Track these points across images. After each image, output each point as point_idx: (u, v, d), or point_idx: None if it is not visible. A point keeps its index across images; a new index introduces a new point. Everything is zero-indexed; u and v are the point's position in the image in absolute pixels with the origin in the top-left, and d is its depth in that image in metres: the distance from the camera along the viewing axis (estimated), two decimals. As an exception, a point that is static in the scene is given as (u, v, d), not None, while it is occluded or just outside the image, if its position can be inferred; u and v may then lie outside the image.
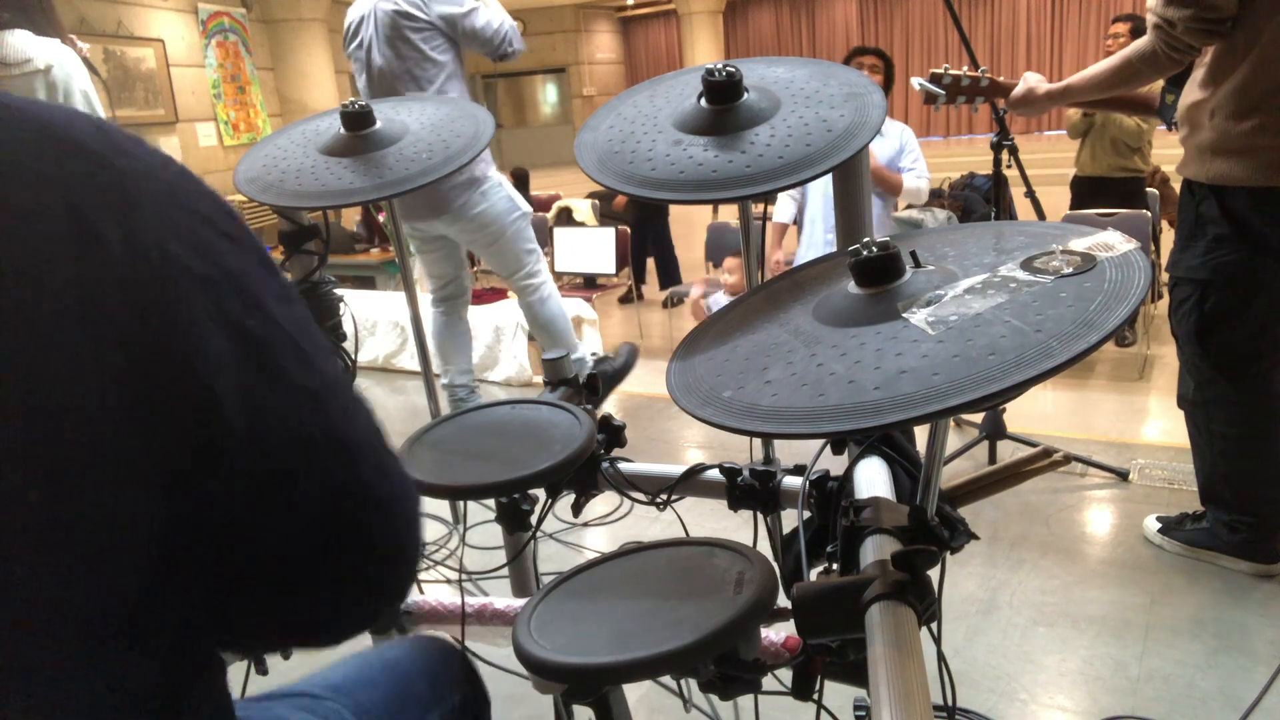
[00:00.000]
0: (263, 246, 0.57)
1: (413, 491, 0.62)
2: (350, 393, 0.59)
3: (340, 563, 0.57)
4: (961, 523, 1.00)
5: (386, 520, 0.59)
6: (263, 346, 0.52)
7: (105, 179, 0.49)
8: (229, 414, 0.50)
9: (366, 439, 0.58)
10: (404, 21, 2.92)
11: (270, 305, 0.54)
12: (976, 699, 1.79)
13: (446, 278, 3.37)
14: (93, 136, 0.50)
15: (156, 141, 8.87)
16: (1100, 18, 13.54)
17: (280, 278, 0.57)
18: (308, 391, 0.55)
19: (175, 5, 9.71)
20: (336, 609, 0.60)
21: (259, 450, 0.52)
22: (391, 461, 0.60)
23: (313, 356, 0.56)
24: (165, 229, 0.50)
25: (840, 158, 1.08)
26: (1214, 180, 1.95)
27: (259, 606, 0.57)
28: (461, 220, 3.06)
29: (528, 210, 3.23)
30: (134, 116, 9.09)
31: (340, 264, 5.62)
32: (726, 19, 15.31)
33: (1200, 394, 2.12)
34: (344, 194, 1.41)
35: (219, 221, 0.54)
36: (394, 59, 2.97)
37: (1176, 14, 1.84)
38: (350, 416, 0.57)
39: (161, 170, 0.53)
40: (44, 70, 2.24)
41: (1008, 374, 0.67)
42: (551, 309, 3.32)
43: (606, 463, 1.36)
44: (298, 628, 0.61)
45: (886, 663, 0.67)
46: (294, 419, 0.54)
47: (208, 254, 0.51)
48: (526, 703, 1.60)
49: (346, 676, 0.87)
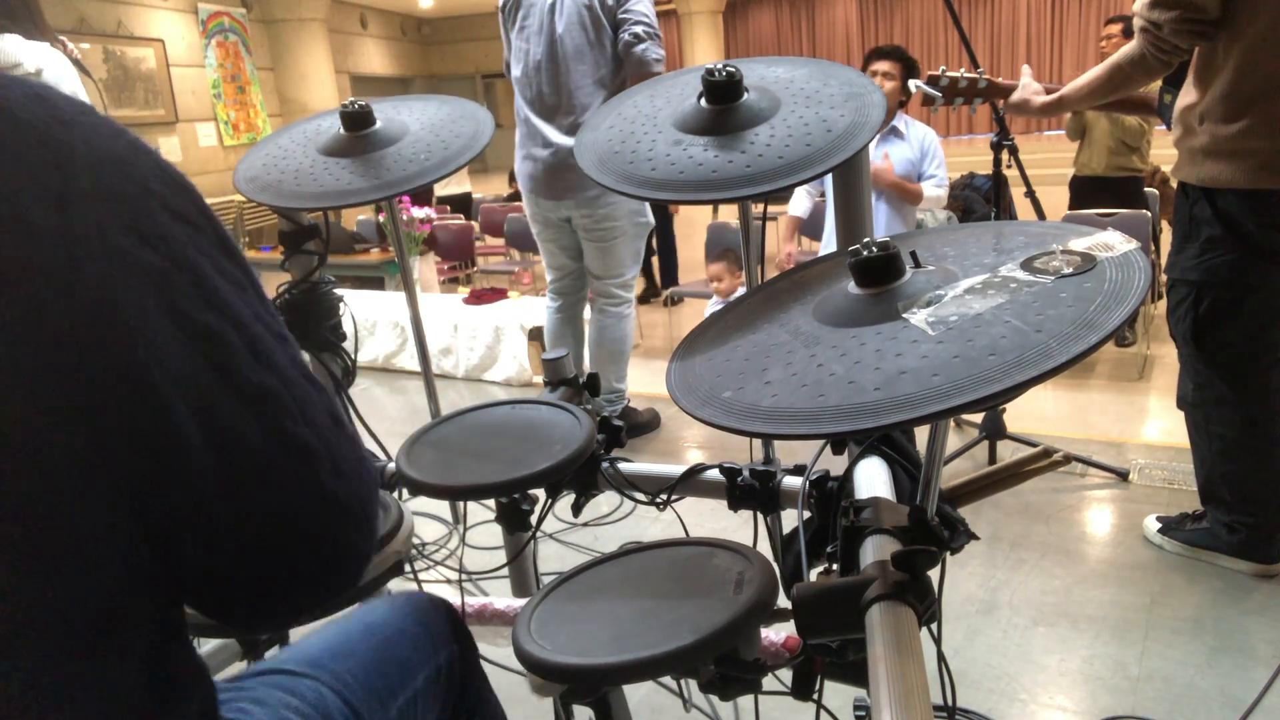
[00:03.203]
0: (219, 223, 0.54)
1: (370, 484, 0.61)
2: (305, 384, 0.57)
3: (296, 560, 0.57)
4: (961, 523, 1.00)
5: (344, 518, 0.58)
6: (218, 344, 0.50)
7: (39, 157, 0.43)
8: (180, 420, 0.48)
9: (322, 435, 0.57)
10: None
11: (227, 296, 0.51)
12: (976, 699, 1.79)
13: (565, 269, 3.36)
14: (28, 106, 0.45)
15: (156, 142, 8.77)
16: (1100, 18, 13.53)
17: (237, 258, 0.54)
18: (262, 389, 0.53)
19: (175, 5, 9.71)
20: (288, 601, 0.59)
21: (211, 454, 0.50)
22: (347, 455, 0.59)
23: (268, 349, 0.54)
24: (109, 215, 0.45)
25: (840, 158, 1.08)
26: (1205, 182, 1.96)
27: (214, 600, 0.57)
28: (592, 207, 3.08)
29: (651, 221, 3.26)
30: (134, 116, 9.08)
31: (340, 264, 5.62)
32: (726, 19, 15.30)
33: (1199, 395, 2.13)
34: (344, 194, 1.41)
35: (173, 200, 0.50)
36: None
37: (1162, 16, 1.84)
38: (306, 412, 0.56)
39: (110, 142, 0.48)
40: (34, 74, 2.24)
41: (1008, 374, 0.67)
42: (626, 328, 3.32)
43: (606, 463, 1.36)
44: (249, 618, 0.60)
45: (886, 663, 0.67)
46: (248, 421, 0.52)
47: (160, 242, 0.48)
48: (526, 703, 1.60)
49: (325, 648, 0.84)
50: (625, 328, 3.32)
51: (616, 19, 2.97)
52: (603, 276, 3.26)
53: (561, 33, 2.99)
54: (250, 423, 0.52)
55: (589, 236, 3.19)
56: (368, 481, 0.61)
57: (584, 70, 3.00)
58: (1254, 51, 1.82)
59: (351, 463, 0.59)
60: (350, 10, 13.70)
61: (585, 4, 2.97)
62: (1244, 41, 1.82)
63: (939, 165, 3.39)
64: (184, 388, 0.48)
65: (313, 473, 0.56)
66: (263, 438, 0.53)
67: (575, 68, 3.00)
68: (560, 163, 3.04)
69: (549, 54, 3.03)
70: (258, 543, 0.54)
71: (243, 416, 0.51)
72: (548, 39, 3.02)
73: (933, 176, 3.37)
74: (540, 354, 2.01)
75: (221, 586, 0.56)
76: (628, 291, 3.31)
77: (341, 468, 0.58)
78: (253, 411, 0.52)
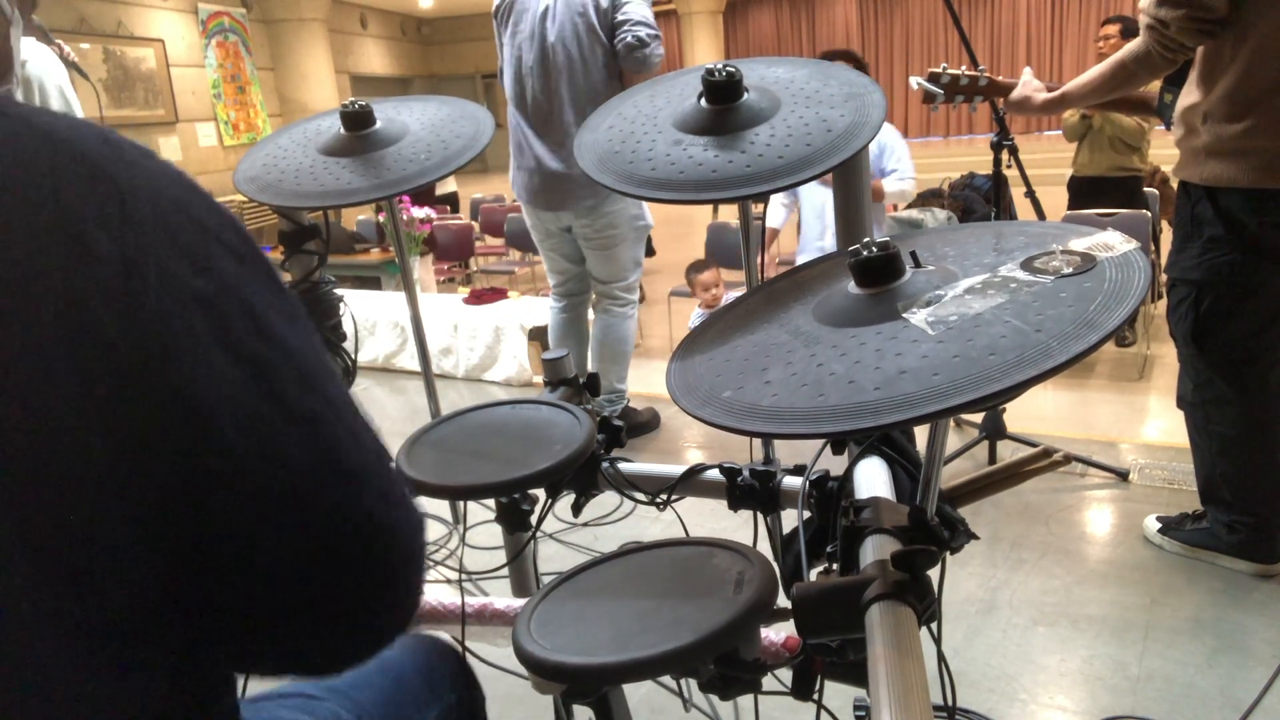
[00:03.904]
0: (270, 263, 0.56)
1: (418, 522, 0.60)
2: (356, 414, 0.57)
3: (340, 591, 0.55)
4: (961, 523, 1.00)
5: (390, 548, 0.57)
6: (267, 370, 0.51)
7: (103, 190, 0.47)
8: (228, 440, 0.48)
9: (371, 464, 0.56)
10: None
11: (277, 326, 0.53)
12: (976, 699, 1.79)
13: (568, 274, 3.35)
14: (95, 146, 0.48)
15: (156, 141, 8.82)
16: (1100, 18, 13.53)
17: (287, 295, 0.56)
18: (312, 415, 0.53)
19: (175, 5, 9.72)
20: (335, 638, 0.58)
21: (258, 475, 0.50)
22: (396, 489, 0.58)
23: (318, 378, 0.54)
24: (165, 245, 0.48)
25: (840, 158, 1.08)
26: (1208, 182, 1.96)
27: (256, 630, 0.56)
28: (591, 216, 3.06)
29: (650, 223, 3.25)
30: (134, 116, 9.09)
31: (340, 264, 5.62)
32: (726, 19, 15.31)
33: (1199, 394, 2.13)
34: (343, 194, 1.41)
35: (226, 238, 0.53)
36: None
37: (1169, 14, 1.84)
38: (355, 440, 0.56)
39: (169, 184, 0.51)
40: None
41: (1008, 374, 0.67)
42: (628, 329, 3.32)
43: (606, 463, 1.36)
44: (294, 655, 0.59)
45: (886, 663, 0.67)
46: (296, 444, 0.52)
47: (213, 273, 0.50)
48: (526, 703, 1.60)
49: (342, 677, 0.86)
50: (628, 328, 3.32)
51: (613, 24, 2.93)
52: (606, 281, 3.26)
53: (554, 40, 2.96)
54: (297, 443, 0.52)
55: (590, 244, 3.18)
56: (415, 514, 0.60)
57: (576, 78, 2.96)
58: (1259, 51, 1.82)
59: (399, 493, 0.58)
60: (350, 10, 13.70)
61: (579, 11, 2.92)
62: (1249, 41, 1.82)
63: (899, 160, 3.39)
64: (232, 407, 0.49)
65: (360, 497, 0.55)
66: (309, 458, 0.52)
67: (567, 75, 2.96)
68: (554, 173, 3.01)
69: (540, 60, 2.99)
70: (302, 567, 0.53)
71: (290, 437, 0.52)
72: (539, 45, 2.98)
73: (894, 171, 3.37)
74: (540, 354, 2.01)
75: (262, 618, 0.55)
76: (631, 293, 3.30)
77: (390, 496, 0.57)
78: (300, 433, 0.52)
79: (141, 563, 0.48)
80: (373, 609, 0.58)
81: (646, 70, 2.93)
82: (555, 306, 3.42)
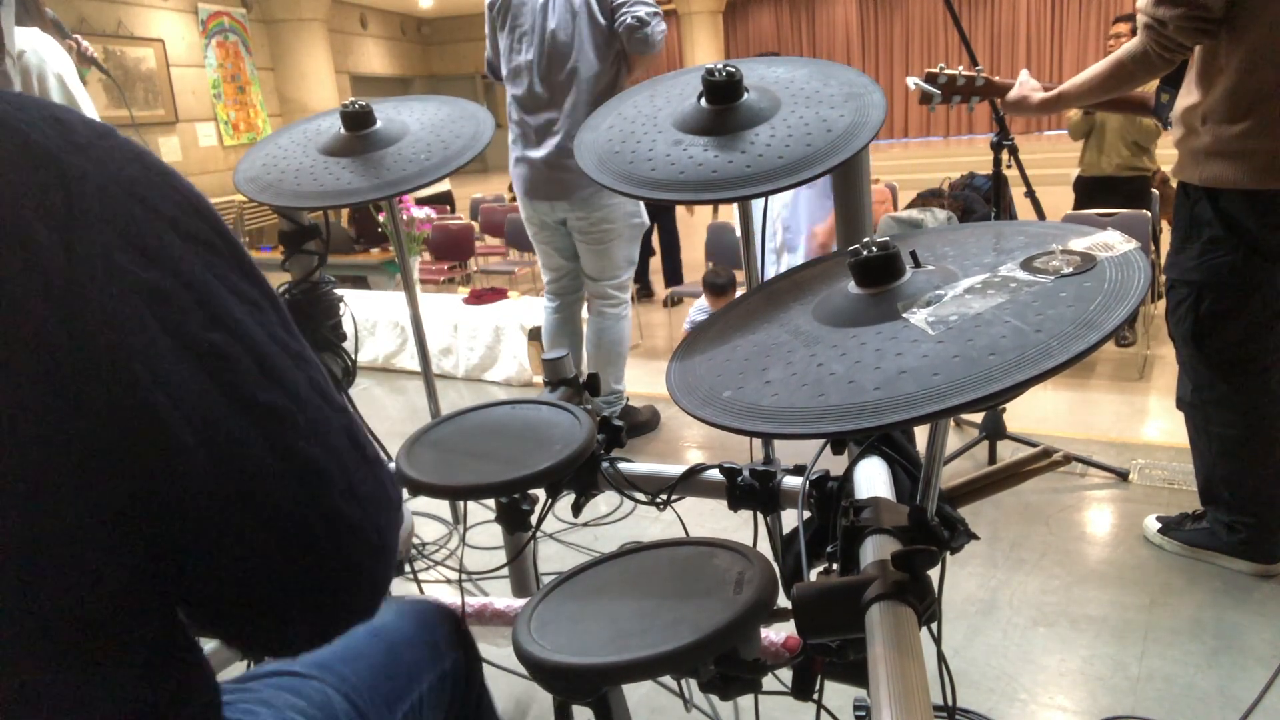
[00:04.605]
0: (239, 246, 0.54)
1: (389, 509, 0.59)
2: (324, 404, 0.56)
3: (303, 583, 0.55)
4: (961, 523, 1.00)
5: (356, 546, 0.56)
6: (223, 363, 0.49)
7: (46, 178, 0.44)
8: (181, 439, 0.47)
9: (337, 458, 0.55)
10: None
11: (237, 315, 0.51)
12: (976, 699, 1.79)
13: (561, 270, 3.35)
14: (41, 128, 0.45)
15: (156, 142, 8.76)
16: (1100, 18, 13.55)
17: (256, 280, 0.54)
18: (270, 407, 0.51)
19: (175, 5, 9.71)
20: (299, 626, 0.57)
21: (214, 474, 0.49)
22: (365, 479, 0.57)
23: (279, 370, 0.53)
24: (114, 236, 0.46)
25: (840, 158, 1.08)
26: (1208, 183, 1.96)
27: (222, 619, 0.55)
28: (587, 209, 3.06)
29: (646, 222, 3.25)
30: (134, 116, 9.08)
31: (340, 264, 5.62)
32: (726, 19, 15.31)
33: (1198, 395, 2.13)
34: (344, 194, 1.41)
35: (185, 222, 0.50)
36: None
37: (1167, 13, 1.84)
38: (320, 433, 0.54)
39: (125, 165, 0.48)
40: (15, 56, 2.24)
41: (1008, 374, 0.67)
42: (623, 330, 3.31)
43: (606, 463, 1.36)
44: (260, 641, 0.58)
45: (886, 663, 0.67)
46: (254, 440, 0.51)
47: (166, 262, 0.48)
48: (526, 703, 1.60)
49: (332, 651, 0.84)
50: (622, 329, 3.31)
51: (613, 7, 2.92)
52: (598, 278, 3.25)
53: (554, 29, 2.97)
54: (256, 439, 0.51)
55: (584, 239, 3.18)
56: (387, 509, 0.59)
57: (576, 68, 2.97)
58: (1257, 51, 1.82)
59: (370, 487, 0.57)
60: (350, 10, 13.70)
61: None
62: (1247, 41, 1.82)
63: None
64: (185, 404, 0.48)
65: (323, 493, 0.54)
66: (268, 454, 0.51)
67: (568, 66, 2.97)
68: (554, 164, 3.02)
69: (541, 52, 3.00)
70: (263, 561, 0.53)
71: (248, 433, 0.50)
72: (539, 37, 3.00)
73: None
74: (540, 354, 2.01)
75: (226, 606, 0.55)
76: (623, 293, 3.30)
77: (358, 491, 0.56)
78: (259, 429, 0.51)
79: (111, 558, 0.48)
80: (336, 596, 0.57)
81: (651, 50, 2.92)
82: (549, 306, 3.43)
